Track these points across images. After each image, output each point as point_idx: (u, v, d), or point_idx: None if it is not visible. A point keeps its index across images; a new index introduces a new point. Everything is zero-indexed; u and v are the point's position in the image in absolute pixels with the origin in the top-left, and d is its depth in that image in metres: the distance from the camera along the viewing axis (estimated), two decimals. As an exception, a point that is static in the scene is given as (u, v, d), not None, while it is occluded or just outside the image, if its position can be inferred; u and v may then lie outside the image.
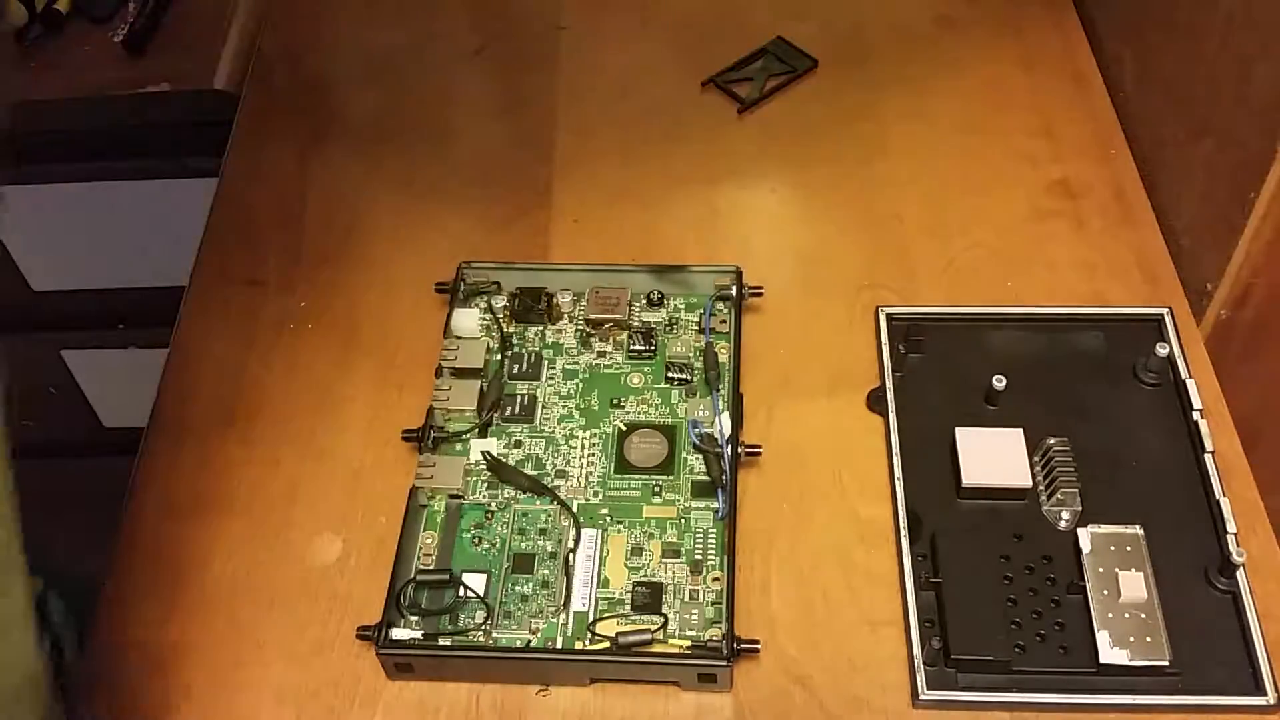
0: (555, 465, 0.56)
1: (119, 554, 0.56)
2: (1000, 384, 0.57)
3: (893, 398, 0.58)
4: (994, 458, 0.55)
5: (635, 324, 0.61)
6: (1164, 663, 0.49)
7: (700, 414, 0.57)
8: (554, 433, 0.58)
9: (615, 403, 0.59)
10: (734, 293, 0.61)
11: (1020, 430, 0.56)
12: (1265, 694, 0.49)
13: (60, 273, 0.94)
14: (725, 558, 0.52)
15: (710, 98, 0.75)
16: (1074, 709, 0.49)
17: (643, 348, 0.60)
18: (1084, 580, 0.51)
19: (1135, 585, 0.50)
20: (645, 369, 0.60)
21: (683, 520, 0.54)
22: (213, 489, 0.58)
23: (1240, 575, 0.51)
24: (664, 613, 0.51)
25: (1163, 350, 0.58)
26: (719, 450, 0.55)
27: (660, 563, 0.53)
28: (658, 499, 0.55)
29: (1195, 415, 0.56)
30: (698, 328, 0.61)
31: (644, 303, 0.62)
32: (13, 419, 0.42)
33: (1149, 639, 0.49)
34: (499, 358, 0.60)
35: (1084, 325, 0.61)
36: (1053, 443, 0.55)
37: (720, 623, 0.50)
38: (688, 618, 0.51)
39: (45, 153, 0.83)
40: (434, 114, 0.75)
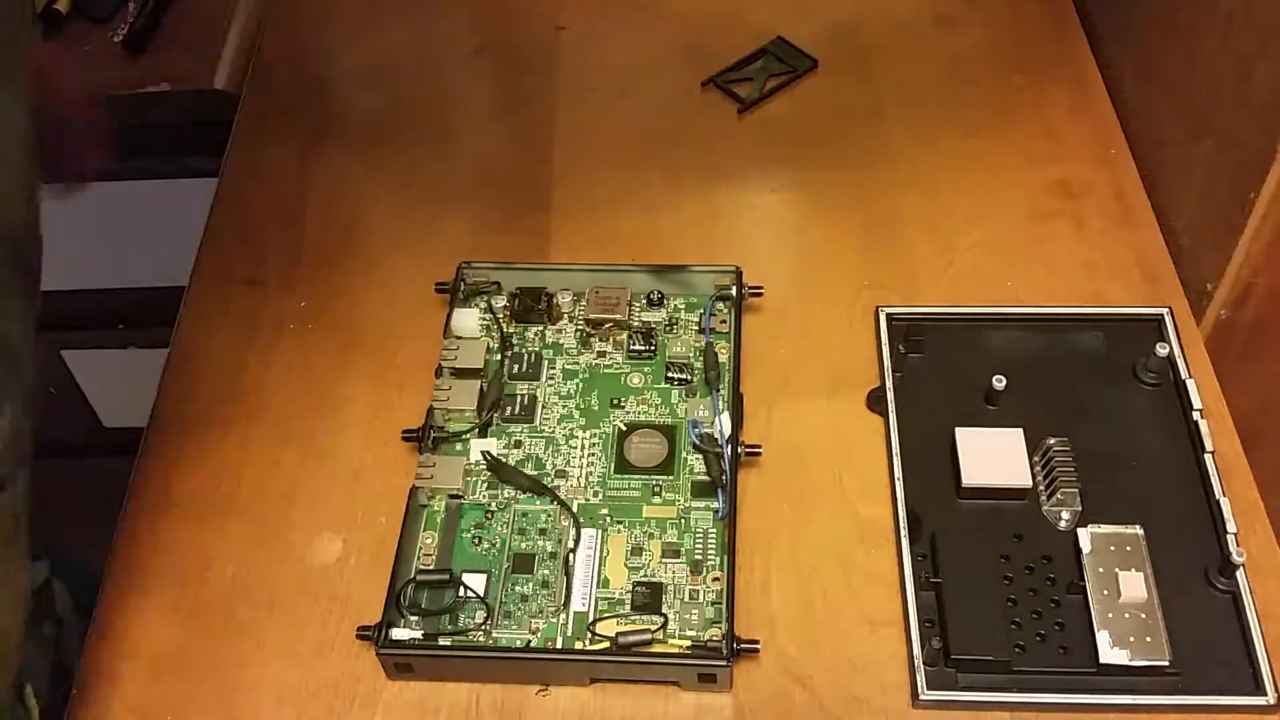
0: (555, 465, 0.56)
1: (119, 554, 0.56)
2: (1000, 384, 0.57)
3: (893, 398, 0.58)
4: (994, 458, 0.55)
5: (635, 324, 0.61)
6: (1164, 663, 0.49)
7: (700, 414, 0.57)
8: (554, 433, 0.58)
9: (615, 403, 0.59)
10: (734, 293, 0.61)
11: (1020, 430, 0.56)
12: (1265, 694, 0.49)
13: (60, 273, 0.94)
14: (725, 558, 0.52)
15: (710, 98, 0.75)
16: (1074, 709, 0.49)
17: (643, 348, 0.60)
18: (1084, 580, 0.51)
19: (1135, 585, 0.50)
20: (645, 369, 0.60)
21: (683, 520, 0.54)
22: (213, 489, 0.58)
23: (1240, 575, 0.51)
24: (664, 613, 0.51)
25: (1163, 350, 0.58)
26: (719, 450, 0.55)
27: (660, 563, 0.53)
28: (658, 499, 0.55)
29: (1195, 415, 0.56)
30: (698, 328, 0.61)
31: (644, 303, 0.62)
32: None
33: (1149, 639, 0.49)
34: (499, 358, 0.60)
35: (1084, 325, 0.61)
36: (1053, 443, 0.55)
37: (720, 623, 0.50)
38: (688, 618, 0.51)
39: (45, 152, 0.83)
40: (434, 114, 0.75)
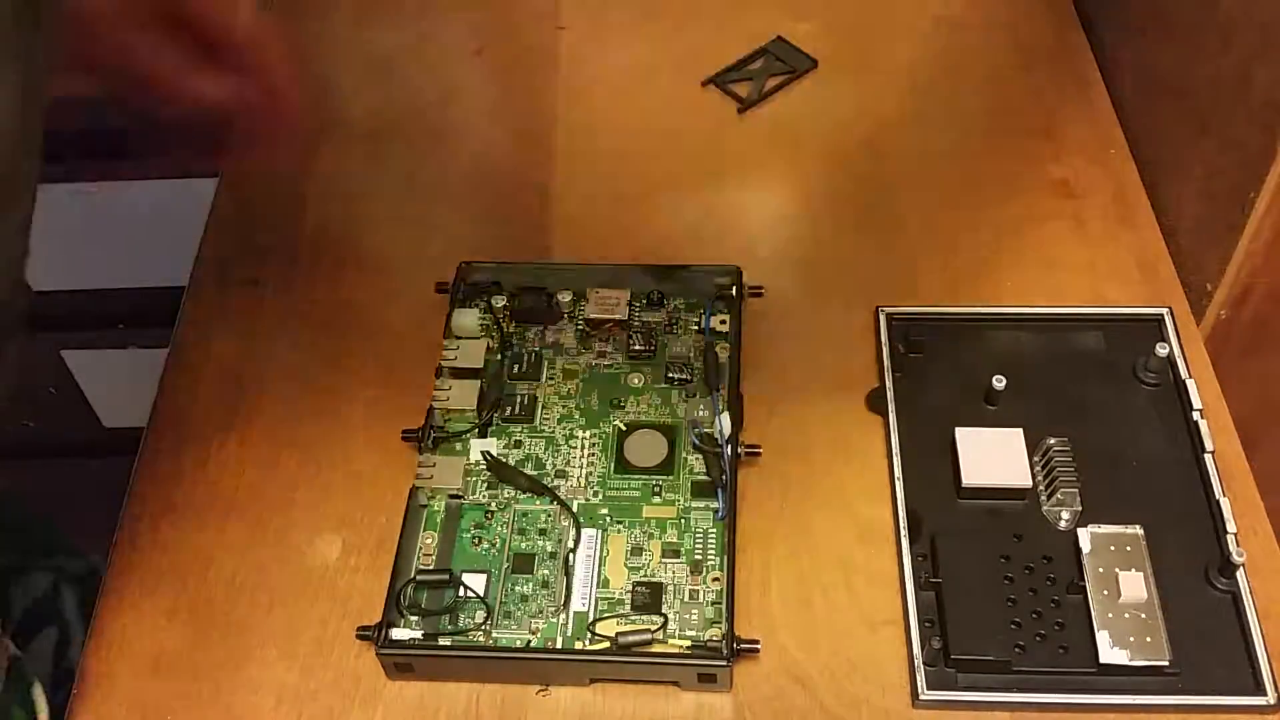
0: (555, 465, 0.56)
1: (119, 554, 0.55)
2: (1000, 384, 0.57)
3: (893, 398, 0.58)
4: (994, 458, 0.55)
5: (635, 324, 0.61)
6: (1164, 663, 0.49)
7: (700, 414, 0.57)
8: (554, 433, 0.58)
9: (615, 403, 0.59)
10: (734, 293, 0.61)
11: (1020, 430, 0.56)
12: (1265, 694, 0.49)
13: (60, 273, 0.94)
14: (725, 558, 0.52)
15: (710, 98, 0.75)
16: (1074, 709, 0.49)
17: (643, 348, 0.60)
18: (1084, 580, 0.51)
19: (1135, 585, 0.50)
20: (645, 369, 0.60)
21: (683, 520, 0.54)
22: (213, 489, 0.58)
23: (1240, 575, 0.51)
24: (664, 613, 0.51)
25: (1163, 350, 0.58)
26: (719, 450, 0.55)
27: (660, 563, 0.53)
28: (658, 499, 0.55)
29: (1195, 415, 0.56)
30: (698, 328, 0.61)
31: (644, 303, 0.62)
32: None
33: (1149, 639, 0.49)
34: (499, 358, 0.60)
35: (1084, 325, 0.61)
36: (1053, 443, 0.55)
37: (720, 623, 0.50)
38: (688, 618, 0.51)
39: (45, 153, 0.83)
40: (434, 114, 0.75)
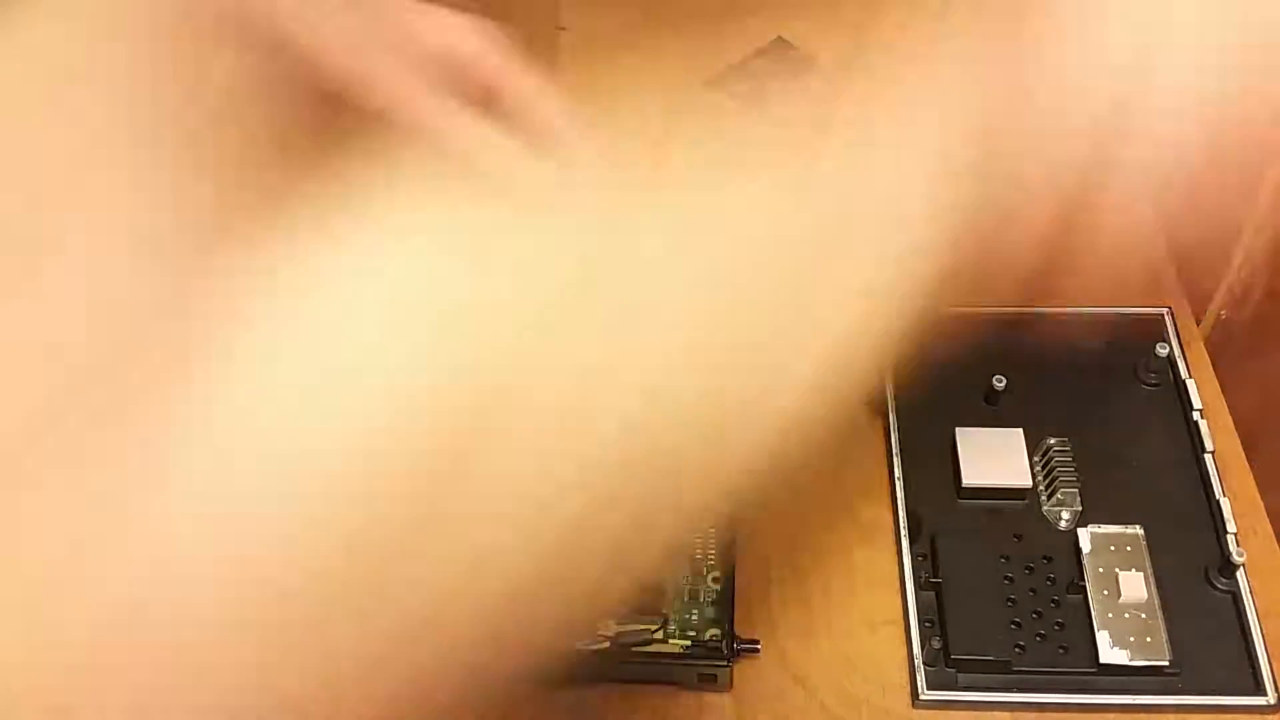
0: (555, 465, 0.56)
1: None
2: (1000, 384, 0.57)
3: (893, 397, 0.58)
4: (994, 458, 0.55)
5: (635, 324, 0.61)
6: (1164, 663, 0.49)
7: (700, 414, 0.57)
8: (554, 433, 0.57)
9: (615, 403, 0.58)
10: (734, 293, 0.61)
11: (1020, 430, 0.56)
12: (1265, 694, 0.49)
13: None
14: (725, 558, 0.52)
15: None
16: (1074, 709, 0.49)
17: (643, 348, 0.60)
18: (1084, 580, 0.51)
19: (1135, 585, 0.50)
20: (645, 369, 0.60)
21: (683, 520, 0.54)
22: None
23: (1240, 575, 0.51)
24: (664, 613, 0.51)
25: (1163, 350, 0.58)
26: (719, 450, 0.55)
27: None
28: (658, 499, 0.55)
29: (1195, 415, 0.56)
30: (698, 328, 0.61)
31: (644, 303, 0.62)
32: None
33: (1149, 639, 0.49)
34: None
35: (1084, 325, 0.61)
36: (1053, 443, 0.55)
37: (720, 623, 0.50)
38: (688, 618, 0.51)
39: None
40: (434, 114, 0.75)
